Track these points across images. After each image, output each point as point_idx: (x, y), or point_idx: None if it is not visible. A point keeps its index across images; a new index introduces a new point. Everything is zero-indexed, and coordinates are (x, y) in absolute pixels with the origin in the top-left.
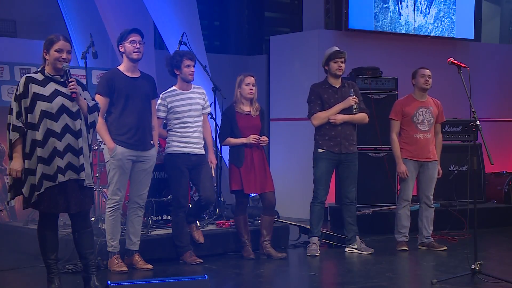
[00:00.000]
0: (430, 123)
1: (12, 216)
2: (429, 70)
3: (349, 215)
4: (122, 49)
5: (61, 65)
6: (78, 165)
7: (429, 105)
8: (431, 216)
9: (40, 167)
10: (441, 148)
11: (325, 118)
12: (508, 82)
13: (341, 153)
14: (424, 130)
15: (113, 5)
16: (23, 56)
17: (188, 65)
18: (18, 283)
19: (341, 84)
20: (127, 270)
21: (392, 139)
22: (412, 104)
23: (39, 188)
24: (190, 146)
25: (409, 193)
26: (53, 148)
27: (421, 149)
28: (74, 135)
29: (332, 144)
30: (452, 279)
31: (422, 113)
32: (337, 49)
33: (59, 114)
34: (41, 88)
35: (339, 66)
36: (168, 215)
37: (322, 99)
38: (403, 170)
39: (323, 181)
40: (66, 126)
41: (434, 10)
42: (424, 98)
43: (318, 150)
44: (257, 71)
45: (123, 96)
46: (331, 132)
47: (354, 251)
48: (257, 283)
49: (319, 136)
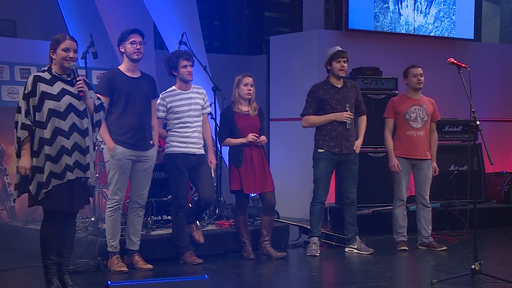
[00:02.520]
0: (423, 120)
1: (12, 216)
2: (420, 68)
3: (349, 215)
4: (122, 49)
5: (68, 64)
6: (84, 163)
7: (423, 103)
8: (428, 216)
9: (48, 165)
10: (436, 146)
11: (314, 124)
12: (508, 82)
13: (342, 153)
14: (417, 128)
15: (113, 5)
16: (23, 56)
17: (185, 66)
18: (18, 283)
19: (343, 84)
20: (127, 270)
21: (385, 136)
22: (405, 102)
23: (47, 186)
24: (190, 146)
25: (403, 192)
26: (61, 146)
27: (414, 147)
28: (81, 134)
29: (332, 144)
30: (452, 279)
31: (415, 111)
32: (340, 49)
33: (67, 113)
34: (49, 87)
35: (342, 66)
36: (168, 215)
37: (321, 101)
38: (395, 163)
39: (323, 181)
40: (73, 124)
41: (434, 10)
42: (418, 96)
43: (318, 150)
44: (257, 71)
45: (124, 96)
46: (332, 133)
47: (354, 251)
48: (257, 283)
49: (319, 136)
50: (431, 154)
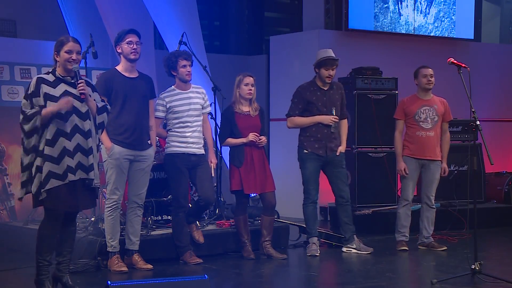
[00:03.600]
0: (434, 121)
1: (12, 216)
2: (431, 69)
3: (345, 215)
4: (119, 49)
5: (71, 66)
6: (87, 164)
7: (433, 104)
8: (432, 216)
9: (47, 165)
10: (448, 147)
11: (299, 125)
12: (508, 82)
13: (326, 155)
14: (426, 128)
15: (113, 5)
16: (23, 56)
17: (184, 65)
18: (18, 283)
19: (329, 86)
20: (127, 270)
21: (395, 137)
22: (415, 103)
23: (44, 186)
24: (190, 146)
25: (409, 192)
26: (62, 148)
27: (423, 148)
28: (84, 135)
29: (317, 146)
30: (452, 279)
31: (425, 111)
32: (331, 56)
33: (68, 115)
34: (52, 89)
35: (329, 74)
36: (168, 215)
37: (308, 102)
38: (402, 167)
39: (312, 181)
40: (75, 126)
41: (434, 10)
42: (428, 96)
43: (304, 151)
44: (257, 71)
45: (121, 96)
46: (317, 135)
47: (353, 251)
48: (257, 283)
49: (303, 137)
50: (442, 155)
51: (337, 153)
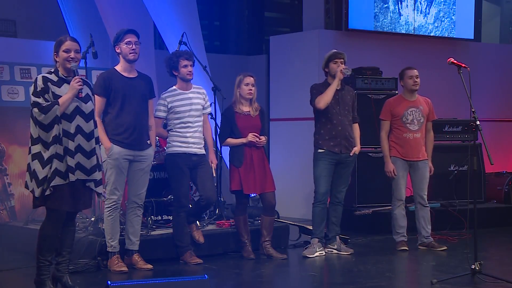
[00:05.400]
0: (420, 122)
1: (12, 216)
2: (416, 69)
3: (334, 215)
4: (118, 50)
5: (69, 64)
6: (89, 166)
7: (419, 105)
8: (427, 215)
9: (55, 162)
10: (432, 146)
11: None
12: (508, 82)
13: (341, 153)
14: (413, 130)
15: (113, 5)
16: (23, 56)
17: (185, 65)
18: (18, 283)
19: (341, 87)
20: (127, 270)
21: (381, 138)
22: (402, 104)
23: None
24: (191, 146)
25: (401, 192)
26: (65, 147)
27: (411, 149)
28: (86, 137)
29: (332, 144)
30: (452, 279)
31: (412, 113)
32: (337, 51)
33: (73, 116)
34: (57, 89)
35: (338, 66)
36: (168, 215)
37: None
38: (391, 169)
39: (323, 182)
40: (78, 127)
41: (434, 10)
42: (414, 97)
43: (319, 150)
44: (257, 71)
45: (120, 96)
46: (332, 132)
47: (334, 251)
48: (257, 283)
49: (318, 136)
50: (427, 154)
51: (351, 153)
